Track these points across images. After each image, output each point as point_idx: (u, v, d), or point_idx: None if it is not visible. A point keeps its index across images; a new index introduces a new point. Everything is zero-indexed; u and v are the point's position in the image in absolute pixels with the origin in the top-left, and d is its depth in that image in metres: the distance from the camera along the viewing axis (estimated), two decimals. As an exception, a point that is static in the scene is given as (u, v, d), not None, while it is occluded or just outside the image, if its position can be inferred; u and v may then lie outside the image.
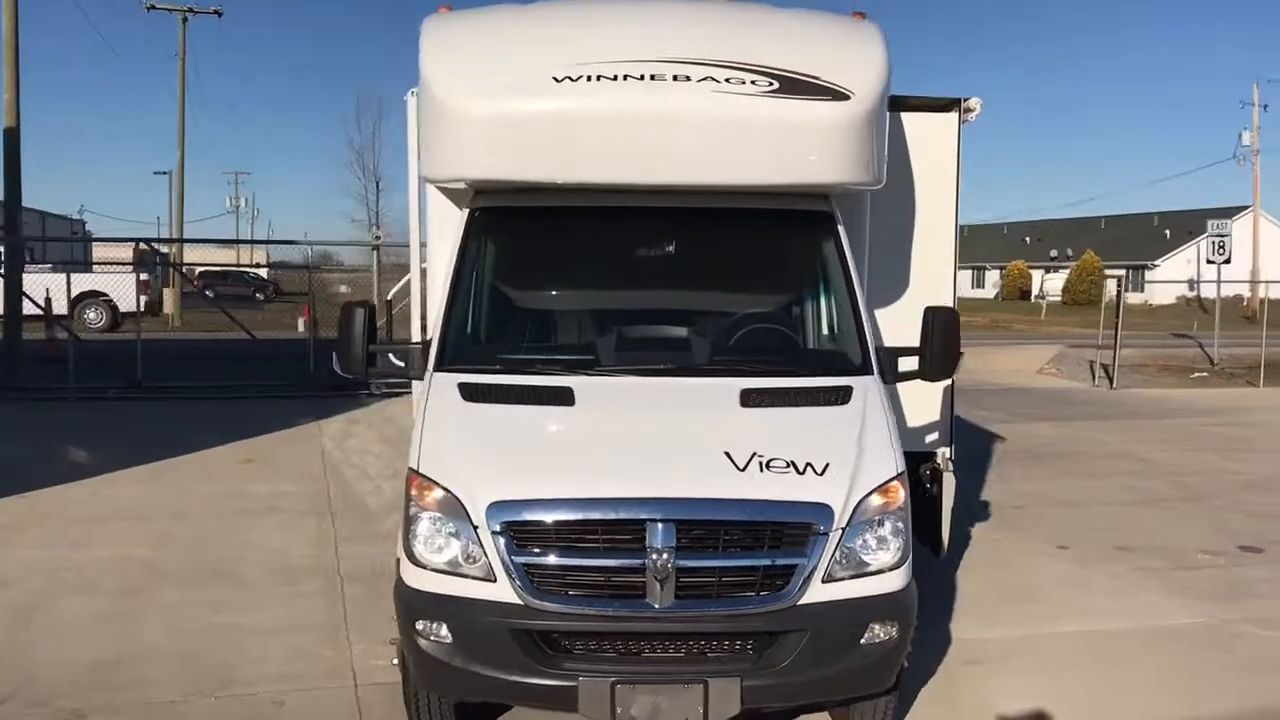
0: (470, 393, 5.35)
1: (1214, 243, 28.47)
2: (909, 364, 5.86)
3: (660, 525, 4.68)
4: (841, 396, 5.49)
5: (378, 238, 23.74)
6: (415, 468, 4.96)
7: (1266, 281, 37.86)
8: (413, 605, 4.87)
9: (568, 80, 5.50)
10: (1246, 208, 67.03)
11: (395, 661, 5.55)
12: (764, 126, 5.60)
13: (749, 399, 5.40)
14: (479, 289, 6.10)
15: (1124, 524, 10.79)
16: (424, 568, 4.84)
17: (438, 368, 5.58)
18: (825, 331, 6.32)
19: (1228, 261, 28.11)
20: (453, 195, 6.39)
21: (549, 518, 4.75)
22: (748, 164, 5.66)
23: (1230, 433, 17.20)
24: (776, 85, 5.59)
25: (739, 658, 4.87)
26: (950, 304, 7.14)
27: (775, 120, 5.58)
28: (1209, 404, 21.14)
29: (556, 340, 6.41)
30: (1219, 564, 9.42)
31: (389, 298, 19.28)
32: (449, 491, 4.82)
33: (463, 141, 5.64)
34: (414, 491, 4.92)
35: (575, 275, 6.41)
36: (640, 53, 5.64)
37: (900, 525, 5.00)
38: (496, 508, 4.73)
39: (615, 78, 5.52)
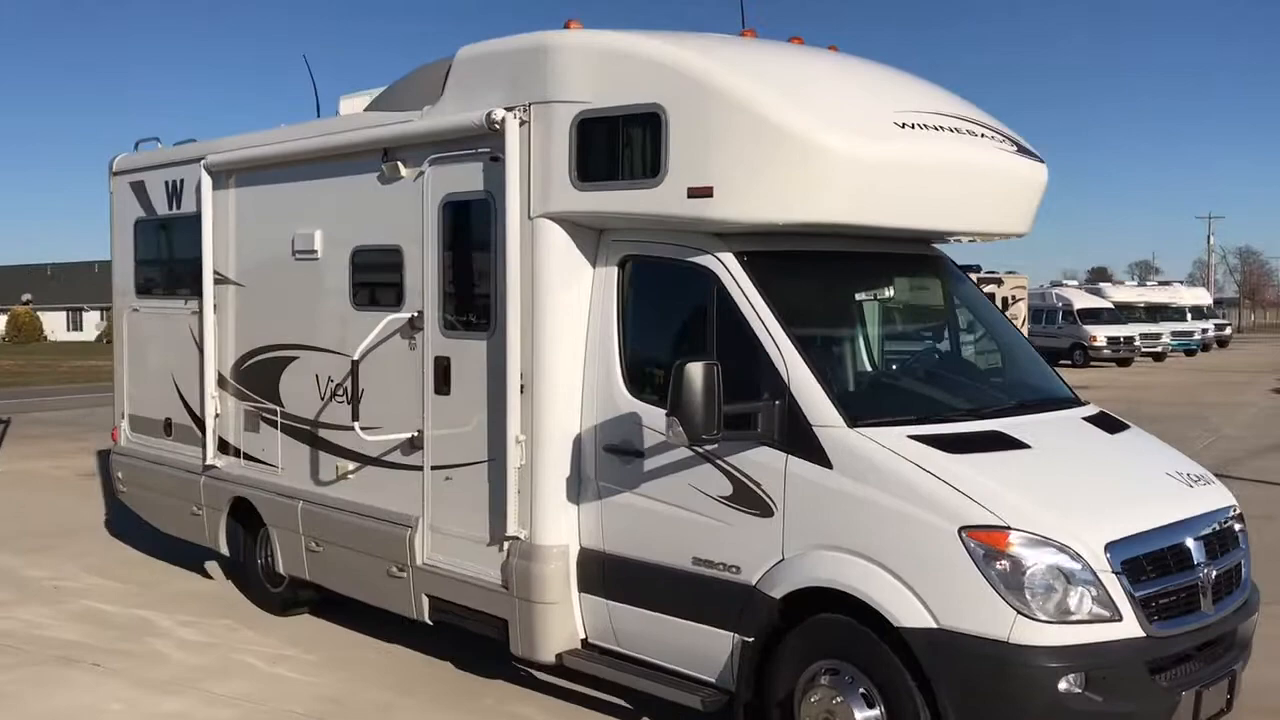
0: (942, 444, 5.20)
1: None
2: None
3: (1196, 541, 5.29)
4: (1119, 423, 6.20)
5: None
6: (1000, 523, 4.81)
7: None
8: (1046, 662, 4.72)
9: (906, 127, 5.69)
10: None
11: None
12: (1020, 181, 6.35)
13: (1102, 427, 6.03)
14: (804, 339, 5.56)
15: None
16: (1046, 621, 4.74)
17: (853, 425, 5.21)
18: (1026, 363, 6.73)
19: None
20: (583, 240, 6.15)
21: (1147, 549, 5.05)
22: (1002, 213, 6.36)
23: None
24: (1015, 147, 6.29)
25: (1244, 646, 5.53)
26: None
27: (1023, 177, 6.35)
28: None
29: (908, 386, 6.43)
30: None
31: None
32: (1053, 540, 4.82)
33: (825, 182, 5.39)
34: (1013, 547, 4.79)
35: (857, 320, 6.38)
36: (932, 106, 6.04)
37: None
38: (1113, 547, 4.89)
39: (935, 128, 5.86)
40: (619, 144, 5.83)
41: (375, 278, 7.36)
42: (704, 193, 5.50)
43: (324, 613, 8.47)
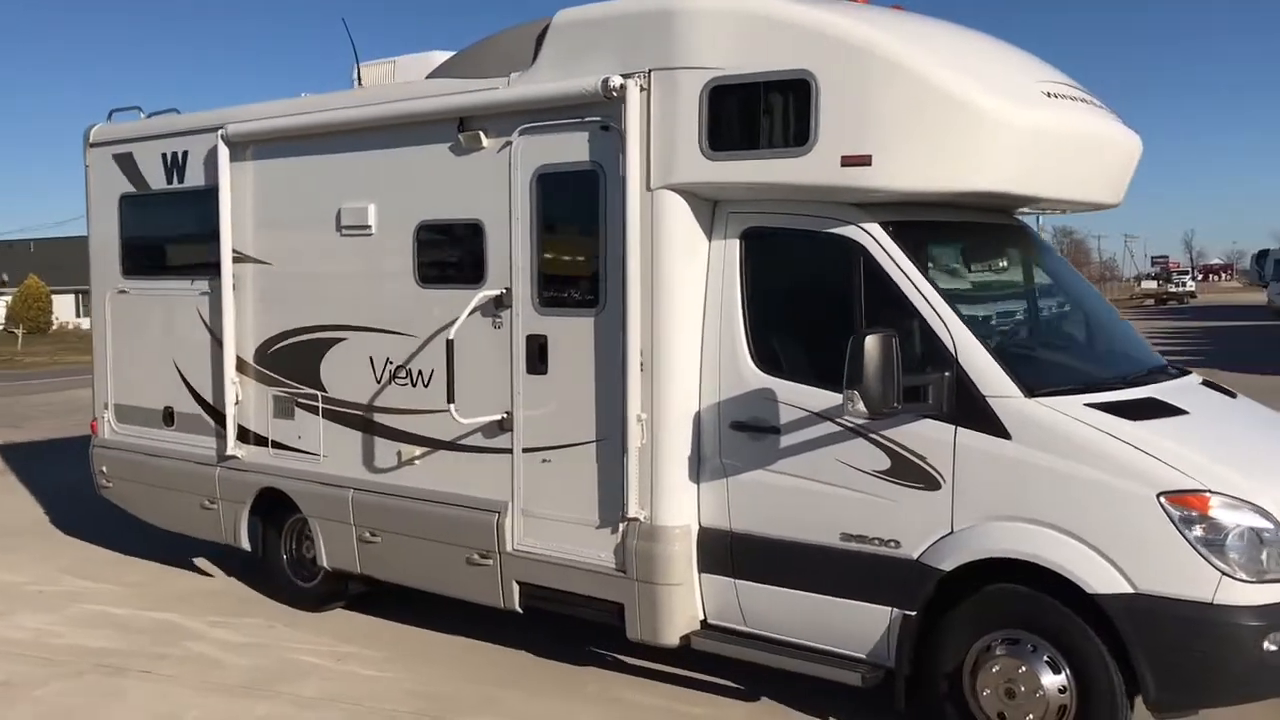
0: (1118, 411, 5.23)
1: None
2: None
3: None
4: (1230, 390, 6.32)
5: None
6: (1199, 486, 4.86)
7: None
8: (1251, 621, 4.77)
9: (1051, 97, 5.71)
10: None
11: None
12: (1128, 153, 6.42)
13: (1223, 393, 6.15)
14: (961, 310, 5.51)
15: None
16: (1247, 582, 4.79)
17: (1030, 395, 5.18)
18: (1126, 332, 6.80)
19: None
20: (700, 212, 6.01)
21: None
22: (1113, 184, 6.42)
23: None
24: (1116, 118, 6.32)
25: None
26: None
27: (1130, 149, 6.43)
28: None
29: (1059, 356, 6.35)
30: None
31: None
32: (1249, 502, 4.88)
33: (992, 150, 5.40)
34: (1213, 510, 4.83)
35: (995, 291, 6.34)
36: (1055, 76, 6.07)
37: None
38: None
39: (1070, 99, 5.91)
40: (758, 112, 5.67)
41: (447, 254, 7.03)
42: (861, 161, 5.40)
43: (358, 607, 8.10)
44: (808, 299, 6.05)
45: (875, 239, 5.58)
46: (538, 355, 6.52)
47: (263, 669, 6.97)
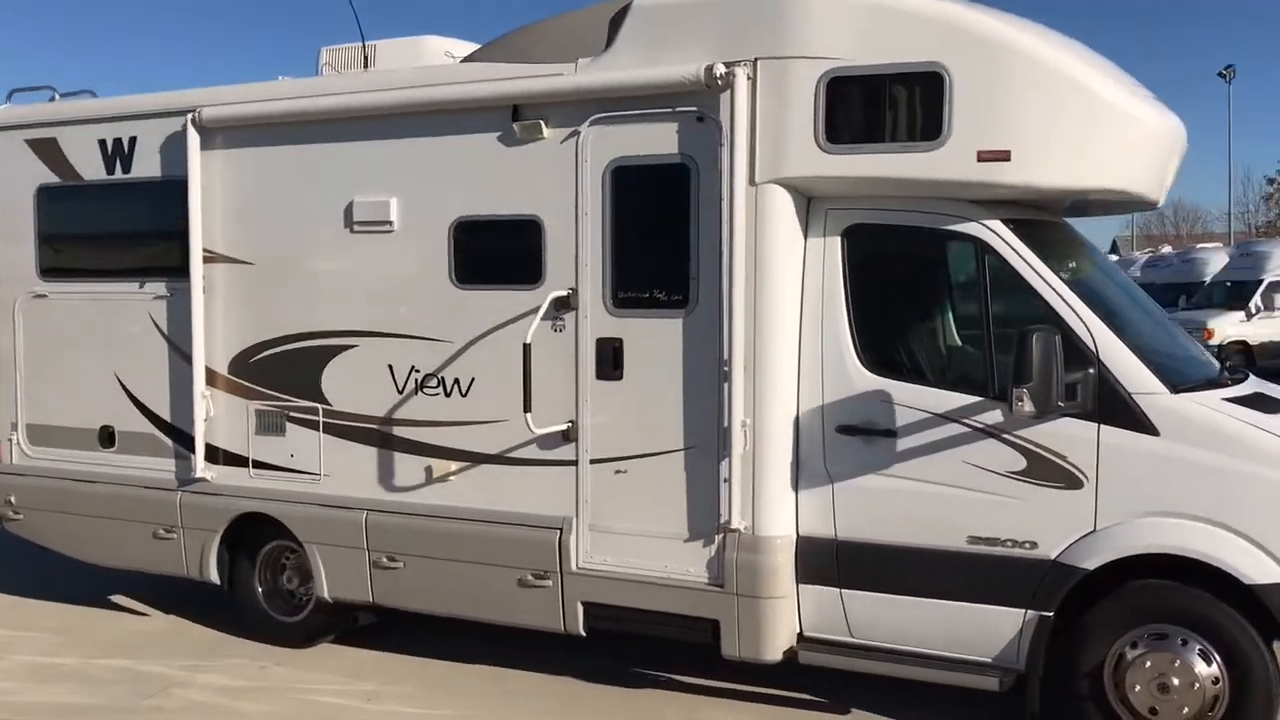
0: (1253, 405, 5.40)
1: None
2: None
3: None
4: None
5: None
6: None
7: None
8: None
9: (1145, 96, 5.71)
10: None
11: None
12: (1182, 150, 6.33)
13: None
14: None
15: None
16: None
17: (1175, 391, 5.24)
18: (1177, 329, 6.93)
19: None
20: (799, 205, 5.80)
21: None
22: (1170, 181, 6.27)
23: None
24: None
25: None
26: None
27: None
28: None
29: (1175, 351, 6.21)
30: None
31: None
32: None
33: (1128, 148, 5.51)
34: None
35: (1101, 287, 6.19)
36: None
37: None
38: None
39: (1153, 98, 5.91)
40: (882, 105, 5.51)
41: (494, 252, 6.49)
42: (999, 156, 5.33)
43: (347, 639, 7.40)
44: (924, 298, 5.95)
45: (1000, 236, 5.52)
46: (611, 359, 6.12)
47: (289, 716, 6.24)
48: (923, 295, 5.99)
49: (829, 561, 5.83)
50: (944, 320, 5.80)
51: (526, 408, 5.96)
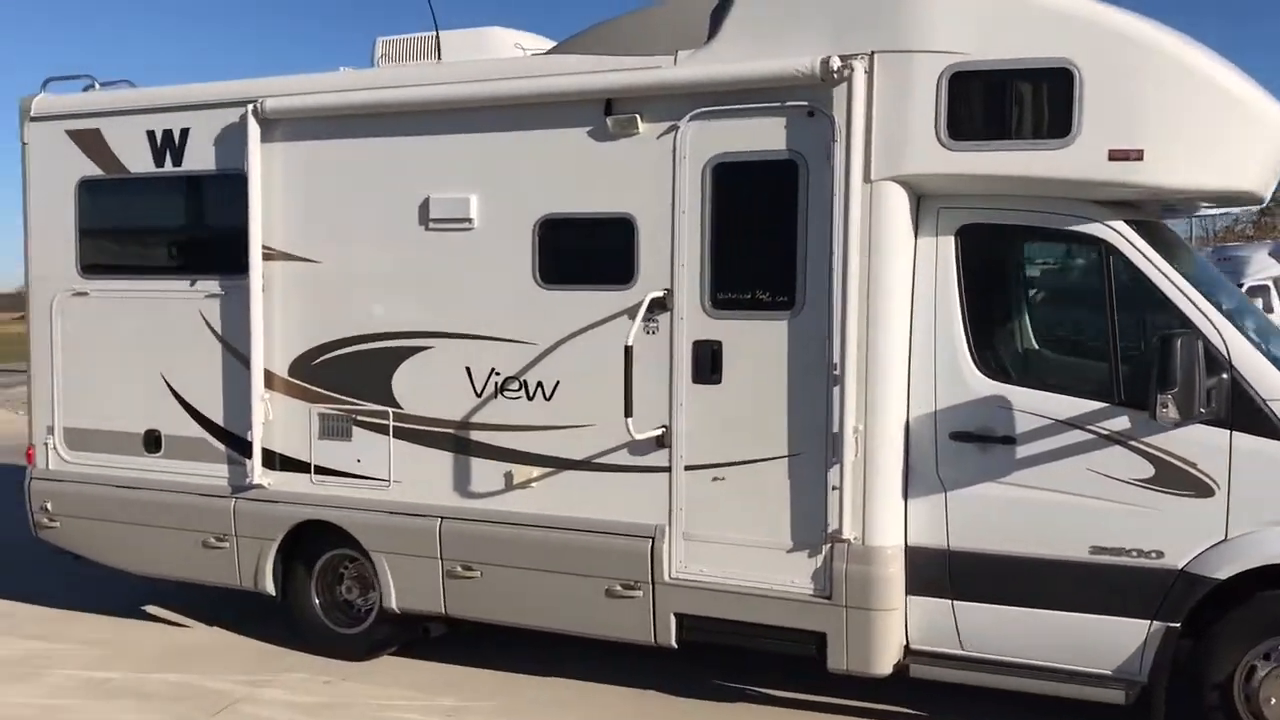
0: None
1: None
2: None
3: None
4: None
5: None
6: None
7: None
8: None
9: (1262, 91, 5.55)
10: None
11: None
12: None
13: None
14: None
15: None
16: None
17: None
18: None
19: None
20: (903, 207, 5.59)
21: None
22: None
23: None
24: None
25: None
26: None
27: None
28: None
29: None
30: None
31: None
32: None
33: (1263, 149, 5.39)
34: None
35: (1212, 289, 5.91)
36: None
37: None
38: None
39: None
40: (1007, 101, 5.35)
41: (582, 251, 6.26)
42: (1132, 155, 5.18)
43: (403, 651, 7.13)
44: (1046, 301, 5.79)
45: (1125, 237, 5.37)
46: (709, 363, 5.91)
47: (371, 734, 5.98)
48: (1041, 298, 5.85)
49: (941, 572, 5.66)
50: (1062, 323, 5.65)
51: (628, 412, 5.74)
